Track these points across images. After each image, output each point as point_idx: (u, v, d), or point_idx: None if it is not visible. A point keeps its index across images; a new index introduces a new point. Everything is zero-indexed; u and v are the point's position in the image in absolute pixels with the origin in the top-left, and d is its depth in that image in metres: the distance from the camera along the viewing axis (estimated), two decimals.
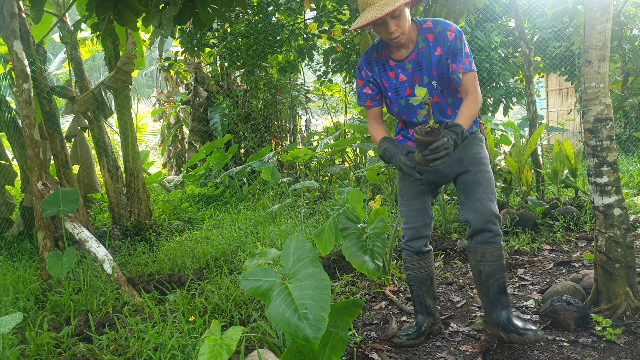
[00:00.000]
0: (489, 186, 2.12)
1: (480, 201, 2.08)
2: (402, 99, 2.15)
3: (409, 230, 2.29)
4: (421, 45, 2.05)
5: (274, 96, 8.35)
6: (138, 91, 12.75)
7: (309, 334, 1.48)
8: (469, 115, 1.98)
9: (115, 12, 2.88)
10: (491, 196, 2.10)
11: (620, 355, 1.98)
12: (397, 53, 2.10)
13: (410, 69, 2.10)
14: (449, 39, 2.00)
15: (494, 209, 2.08)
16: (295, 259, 1.70)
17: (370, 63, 2.17)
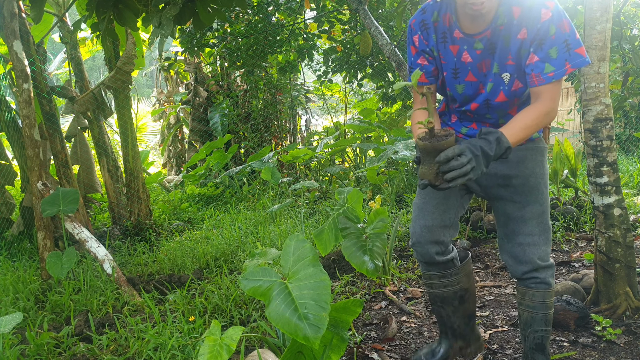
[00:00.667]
0: (538, 225, 1.67)
1: (522, 247, 1.67)
2: (460, 84, 1.65)
3: (418, 227, 1.78)
4: (501, 21, 1.49)
5: (274, 96, 8.35)
6: (138, 91, 12.75)
7: (309, 334, 1.48)
8: (523, 126, 1.46)
9: (115, 12, 2.88)
10: (540, 239, 1.67)
11: (620, 355, 1.98)
12: (467, 23, 1.55)
13: (480, 49, 1.56)
14: (542, 19, 1.43)
15: (540, 258, 1.67)
16: (295, 259, 1.70)
17: (427, 27, 1.63)
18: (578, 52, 1.45)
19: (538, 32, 1.44)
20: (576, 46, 1.45)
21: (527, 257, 1.67)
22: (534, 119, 1.47)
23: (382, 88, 7.89)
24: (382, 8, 6.69)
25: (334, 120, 9.55)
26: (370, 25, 4.01)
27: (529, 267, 1.68)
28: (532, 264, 1.67)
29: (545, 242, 1.68)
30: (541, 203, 1.67)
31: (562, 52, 1.44)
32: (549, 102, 1.48)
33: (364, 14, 4.04)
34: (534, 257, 1.67)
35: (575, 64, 1.45)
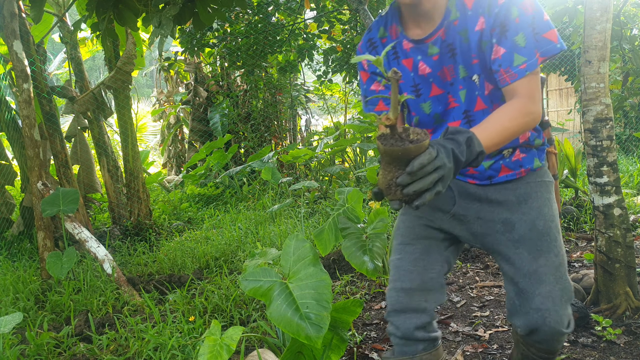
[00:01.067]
0: (558, 282, 1.30)
1: (541, 313, 1.28)
2: (425, 102, 1.36)
3: (393, 292, 1.38)
4: (453, 15, 1.24)
5: (274, 96, 8.36)
6: (138, 91, 12.75)
7: (311, 333, 1.48)
8: (500, 128, 1.14)
9: (115, 12, 2.88)
10: (562, 302, 1.29)
11: (620, 355, 1.98)
12: (414, 29, 1.30)
13: (436, 54, 1.28)
14: (499, 2, 1.18)
15: (563, 321, 1.29)
16: (296, 259, 1.70)
17: (374, 46, 1.38)
18: (547, 37, 1.19)
19: (497, 17, 1.18)
20: (544, 29, 1.19)
21: (548, 326, 1.28)
22: (512, 119, 1.16)
23: None
24: (382, 8, 6.70)
25: (334, 120, 9.55)
26: None
27: (548, 336, 1.31)
28: (555, 332, 1.30)
29: (567, 302, 1.31)
30: (556, 253, 1.32)
31: (530, 37, 1.17)
32: (528, 99, 1.19)
33: (364, 14, 4.04)
34: (557, 327, 1.29)
35: (544, 51, 1.20)
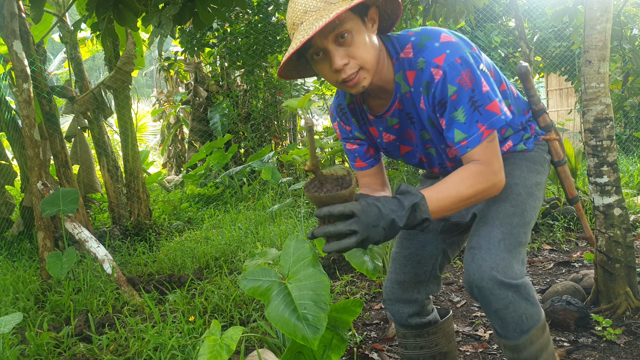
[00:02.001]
0: (501, 226, 1.24)
1: (472, 251, 1.22)
2: (398, 158, 1.44)
3: (388, 282, 1.51)
4: (404, 88, 1.23)
5: (274, 96, 8.35)
6: (138, 91, 12.75)
7: (307, 334, 1.48)
8: (456, 195, 1.12)
9: (115, 12, 2.88)
10: (500, 246, 1.21)
11: (620, 355, 1.98)
12: (375, 99, 1.32)
13: (396, 124, 1.32)
14: (435, 80, 1.16)
15: (497, 269, 1.17)
16: (295, 259, 1.70)
17: (344, 112, 1.40)
18: (489, 109, 1.14)
19: (434, 97, 1.17)
20: (485, 102, 1.14)
21: (475, 264, 1.19)
22: (470, 186, 1.13)
23: None
24: None
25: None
26: None
27: (479, 281, 1.17)
28: (482, 275, 1.17)
29: (508, 251, 1.20)
30: (513, 204, 1.28)
31: (470, 112, 1.14)
32: (486, 166, 1.16)
33: None
34: (484, 265, 1.17)
35: (490, 124, 1.14)
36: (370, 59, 1.14)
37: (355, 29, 1.11)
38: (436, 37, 1.18)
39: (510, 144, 1.39)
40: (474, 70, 1.14)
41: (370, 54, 1.13)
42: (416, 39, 1.20)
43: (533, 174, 1.36)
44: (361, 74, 1.14)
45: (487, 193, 1.18)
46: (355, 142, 1.43)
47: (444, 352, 1.56)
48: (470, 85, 1.13)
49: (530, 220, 1.31)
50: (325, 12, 1.06)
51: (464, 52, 1.15)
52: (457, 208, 1.15)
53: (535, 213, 1.34)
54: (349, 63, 1.12)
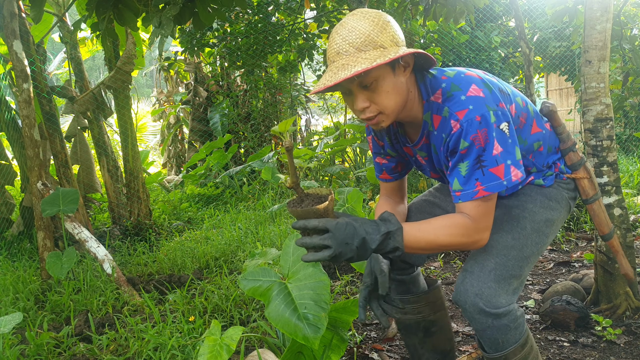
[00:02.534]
0: (496, 257, 1.29)
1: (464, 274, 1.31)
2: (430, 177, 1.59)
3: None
4: (430, 127, 1.31)
5: (274, 96, 8.36)
6: (138, 91, 12.75)
7: (308, 334, 1.48)
8: (432, 238, 1.19)
9: (115, 12, 2.88)
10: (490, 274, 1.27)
11: (620, 355, 1.98)
12: (409, 131, 1.41)
13: (425, 156, 1.40)
14: (452, 130, 1.21)
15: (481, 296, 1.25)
16: (295, 259, 1.70)
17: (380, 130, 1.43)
18: (494, 172, 1.17)
19: (448, 146, 1.23)
20: (492, 165, 1.17)
21: (463, 287, 1.28)
22: (450, 235, 1.19)
23: None
24: (382, 8, 6.69)
25: (334, 120, 9.55)
26: None
27: (462, 303, 1.27)
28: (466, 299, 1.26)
29: (497, 282, 1.26)
30: (515, 237, 1.31)
31: (473, 169, 1.18)
32: (472, 222, 1.20)
33: None
34: (470, 290, 1.26)
35: (489, 187, 1.18)
36: (391, 105, 1.21)
37: (381, 77, 1.17)
38: (465, 89, 1.22)
39: (532, 178, 1.42)
40: (490, 131, 1.17)
41: (392, 100, 1.20)
42: (447, 86, 1.25)
43: (545, 210, 1.37)
44: (380, 117, 1.23)
45: (465, 247, 1.23)
46: (385, 158, 1.52)
47: (430, 320, 1.63)
48: (483, 144, 1.17)
49: (529, 256, 1.33)
50: (353, 60, 1.13)
51: (487, 109, 1.18)
52: (431, 250, 1.22)
53: (538, 249, 1.36)
54: (369, 107, 1.21)
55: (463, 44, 7.53)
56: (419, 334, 1.65)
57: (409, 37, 7.35)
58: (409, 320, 1.64)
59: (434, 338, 1.66)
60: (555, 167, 1.44)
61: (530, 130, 1.37)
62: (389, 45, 1.16)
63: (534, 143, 1.38)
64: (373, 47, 1.15)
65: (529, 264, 1.34)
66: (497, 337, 1.27)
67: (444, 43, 7.45)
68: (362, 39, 1.15)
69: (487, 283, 1.26)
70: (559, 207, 1.40)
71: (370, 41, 1.15)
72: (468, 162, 1.19)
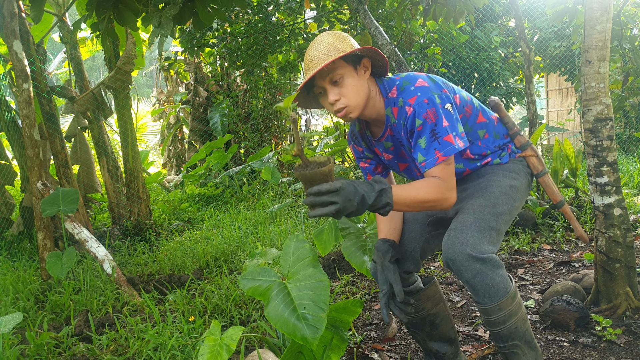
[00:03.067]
0: (474, 213, 1.52)
1: (449, 232, 1.50)
2: (400, 174, 1.78)
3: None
4: (392, 119, 1.57)
5: (274, 96, 8.35)
6: (138, 91, 12.75)
7: (307, 334, 1.48)
8: (414, 195, 1.41)
9: (115, 12, 2.88)
10: (472, 227, 1.48)
11: (620, 355, 1.98)
12: (373, 127, 1.69)
13: (390, 146, 1.67)
14: (407, 115, 1.48)
15: (467, 244, 1.44)
16: (295, 259, 1.70)
17: (355, 137, 1.77)
18: (446, 139, 1.45)
19: (407, 127, 1.51)
20: (444, 134, 1.45)
21: (450, 241, 1.47)
22: (427, 193, 1.42)
23: None
24: (382, 8, 6.69)
25: (334, 120, 9.55)
26: (370, 25, 4.01)
27: (452, 255, 1.45)
28: (454, 249, 1.44)
29: (478, 231, 1.47)
30: (486, 199, 1.56)
31: (430, 141, 1.45)
32: (443, 181, 1.45)
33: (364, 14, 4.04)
34: (456, 242, 1.45)
35: (445, 151, 1.44)
36: (356, 99, 1.50)
37: (346, 74, 1.49)
38: (413, 82, 1.51)
39: (489, 160, 1.68)
40: (437, 109, 1.46)
41: (356, 94, 1.50)
42: (399, 83, 1.55)
43: (507, 179, 1.63)
44: (347, 109, 1.51)
45: (439, 203, 1.45)
46: (366, 161, 1.78)
47: (433, 313, 1.81)
48: (434, 120, 1.45)
49: (502, 212, 1.56)
50: (322, 62, 1.44)
51: (432, 94, 1.47)
52: (413, 207, 1.44)
53: (509, 208, 1.59)
54: (339, 99, 1.50)
55: (463, 44, 7.53)
56: (426, 327, 1.82)
57: (409, 37, 7.35)
58: (415, 317, 1.80)
59: (440, 329, 1.83)
60: (508, 149, 1.71)
61: (476, 119, 1.66)
62: (349, 49, 1.47)
63: (478, 131, 1.66)
64: (337, 52, 1.46)
65: (503, 220, 1.56)
66: (487, 282, 1.44)
67: (444, 43, 7.45)
68: (328, 47, 1.47)
69: (470, 233, 1.46)
70: (519, 177, 1.66)
71: (335, 48, 1.47)
72: (425, 137, 1.46)
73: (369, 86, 1.54)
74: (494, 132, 1.70)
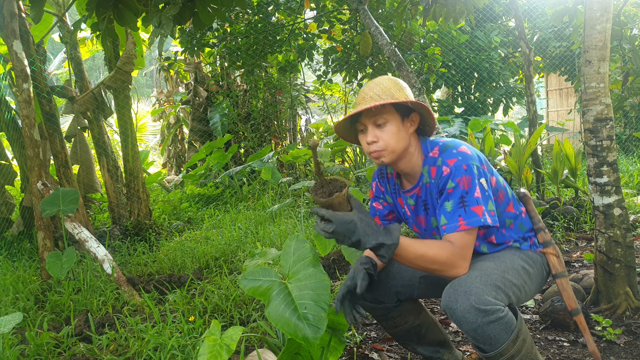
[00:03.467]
0: (481, 270, 1.44)
1: (452, 282, 1.42)
2: (412, 232, 1.76)
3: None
4: (426, 179, 1.56)
5: (274, 96, 8.36)
6: (138, 91, 12.75)
7: (308, 334, 1.47)
8: (421, 253, 1.39)
9: (115, 12, 2.88)
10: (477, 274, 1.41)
11: (620, 355, 1.98)
12: (404, 180, 1.67)
13: (412, 205, 1.64)
14: (443, 173, 1.48)
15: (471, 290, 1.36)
16: (295, 259, 1.70)
17: (383, 176, 1.75)
18: (474, 210, 1.42)
19: (438, 186, 1.50)
20: (473, 204, 1.42)
21: (452, 289, 1.39)
22: (436, 255, 1.39)
23: None
24: (382, 8, 6.69)
25: (334, 120, 9.55)
26: (370, 25, 4.02)
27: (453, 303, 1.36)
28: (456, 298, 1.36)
29: (483, 284, 1.37)
30: (496, 264, 1.48)
31: (457, 207, 1.43)
32: (457, 248, 1.41)
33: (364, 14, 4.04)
34: (459, 290, 1.37)
35: (469, 222, 1.41)
36: (392, 145, 1.50)
37: (391, 120, 1.50)
38: (456, 147, 1.51)
39: (510, 243, 1.62)
40: (473, 179, 1.44)
41: (395, 142, 1.50)
42: (443, 145, 1.55)
43: (522, 261, 1.55)
44: (381, 152, 1.51)
45: (446, 267, 1.41)
46: (382, 204, 1.77)
47: (417, 324, 1.79)
48: (466, 187, 1.44)
49: (510, 280, 1.45)
50: (374, 102, 1.46)
51: (472, 162, 1.47)
52: (417, 264, 1.41)
53: (519, 282, 1.48)
54: (377, 142, 1.50)
55: (463, 44, 7.53)
56: (413, 338, 1.82)
57: (409, 37, 7.35)
58: (400, 331, 1.80)
59: (427, 337, 1.83)
60: (530, 240, 1.65)
61: (506, 207, 1.61)
62: (402, 99, 1.48)
63: (506, 219, 1.61)
64: (390, 97, 1.48)
65: (511, 286, 1.45)
66: (489, 334, 1.36)
67: (444, 43, 7.45)
68: (384, 90, 1.50)
69: (474, 284, 1.38)
70: (535, 266, 1.59)
71: (390, 93, 1.49)
72: (453, 201, 1.44)
73: (410, 140, 1.55)
74: (520, 224, 1.65)
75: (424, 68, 7.32)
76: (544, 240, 1.67)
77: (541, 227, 1.69)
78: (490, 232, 1.58)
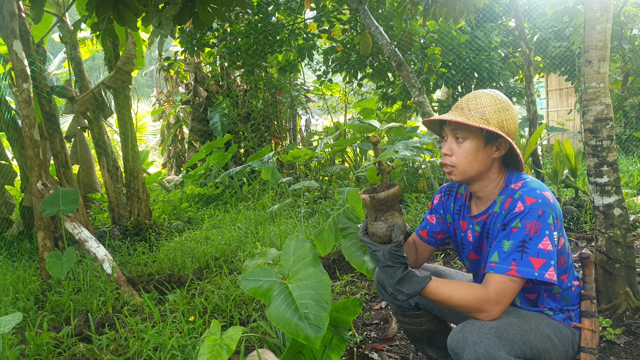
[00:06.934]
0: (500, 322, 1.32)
1: (465, 323, 1.33)
2: (465, 259, 1.64)
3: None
4: (496, 208, 1.46)
5: (274, 96, 8.35)
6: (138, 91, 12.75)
7: (310, 334, 1.47)
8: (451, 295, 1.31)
9: (115, 12, 2.88)
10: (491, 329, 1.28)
11: (620, 355, 1.98)
12: (474, 206, 1.58)
13: (477, 232, 1.54)
14: (515, 209, 1.37)
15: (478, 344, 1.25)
16: (296, 259, 1.70)
17: (450, 194, 1.67)
18: (532, 260, 1.31)
19: (504, 219, 1.39)
20: (532, 254, 1.31)
21: (461, 333, 1.29)
22: (465, 299, 1.31)
23: (382, 88, 7.89)
24: (382, 8, 6.69)
25: (334, 120, 9.55)
26: (370, 25, 4.01)
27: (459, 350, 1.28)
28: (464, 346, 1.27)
29: (497, 337, 1.26)
30: (520, 320, 1.37)
31: (515, 249, 1.32)
32: (494, 297, 1.30)
33: (364, 14, 4.04)
34: (469, 338, 1.27)
35: (521, 271, 1.30)
36: (465, 165, 1.44)
37: (471, 140, 1.42)
38: (541, 190, 1.39)
39: (545, 309, 1.50)
40: (543, 228, 1.33)
41: (469, 162, 1.43)
42: (530, 180, 1.44)
43: (548, 329, 1.42)
44: (453, 170, 1.46)
45: (473, 312, 1.32)
46: (437, 220, 1.70)
47: (431, 330, 1.77)
48: (532, 234, 1.32)
49: (531, 340, 1.33)
50: (462, 115, 1.43)
51: (549, 212, 1.35)
52: (446, 305, 1.34)
53: (537, 347, 1.34)
54: (451, 156, 1.45)
55: (463, 44, 7.53)
56: (424, 340, 1.82)
57: (409, 37, 7.35)
58: (414, 330, 1.79)
59: (438, 341, 1.81)
60: (568, 313, 1.51)
61: (561, 275, 1.48)
62: (494, 124, 1.40)
63: (555, 286, 1.47)
64: (480, 116, 1.41)
65: (532, 350, 1.33)
66: None
67: (443, 43, 7.45)
68: (477, 106, 1.43)
69: (487, 335, 1.26)
70: (562, 339, 1.44)
71: (481, 112, 1.41)
72: (513, 241, 1.33)
73: (491, 166, 1.46)
74: (567, 297, 1.51)
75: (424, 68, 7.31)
76: (586, 309, 1.52)
77: (590, 296, 1.55)
78: (536, 290, 1.47)
